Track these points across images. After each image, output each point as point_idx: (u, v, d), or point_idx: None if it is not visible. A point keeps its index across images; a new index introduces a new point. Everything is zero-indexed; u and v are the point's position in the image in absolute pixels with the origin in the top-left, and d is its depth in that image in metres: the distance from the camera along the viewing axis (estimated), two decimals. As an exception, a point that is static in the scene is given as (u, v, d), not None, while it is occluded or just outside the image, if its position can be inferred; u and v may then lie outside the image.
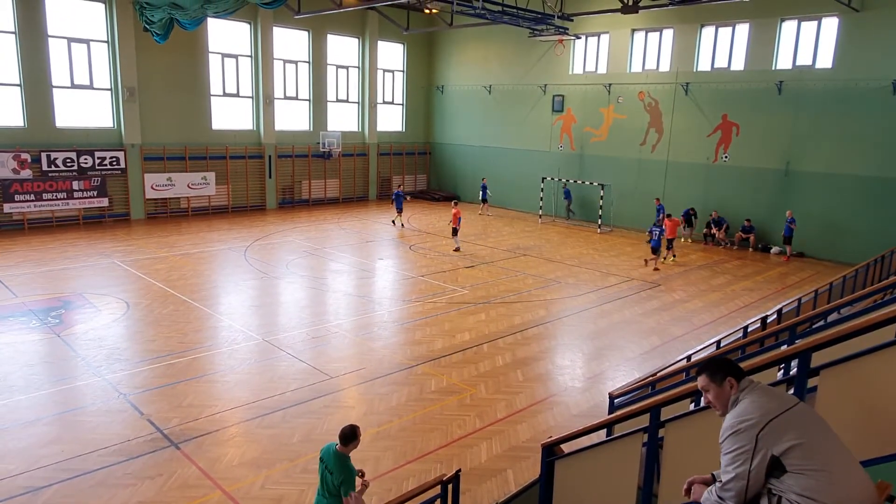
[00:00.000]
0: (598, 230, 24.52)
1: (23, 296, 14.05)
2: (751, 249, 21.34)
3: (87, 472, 7.44)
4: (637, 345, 12.43)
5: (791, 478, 2.77)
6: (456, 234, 19.82)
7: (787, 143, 20.98)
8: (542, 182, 26.67)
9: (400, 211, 24.54)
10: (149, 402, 9.32)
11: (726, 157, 22.50)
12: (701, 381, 3.24)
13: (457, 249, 19.76)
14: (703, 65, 23.04)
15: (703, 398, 3.31)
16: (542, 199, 26.76)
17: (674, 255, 19.75)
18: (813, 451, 2.77)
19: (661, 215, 20.60)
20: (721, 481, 2.96)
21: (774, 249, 21.17)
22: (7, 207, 20.83)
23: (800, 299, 11.03)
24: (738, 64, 22.14)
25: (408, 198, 26.83)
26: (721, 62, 22.66)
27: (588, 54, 26.44)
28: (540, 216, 26.75)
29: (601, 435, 5.86)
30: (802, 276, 18.14)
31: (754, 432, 2.85)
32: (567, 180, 26.19)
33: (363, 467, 7.75)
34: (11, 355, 10.78)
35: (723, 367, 3.18)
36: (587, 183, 25.68)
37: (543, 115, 27.93)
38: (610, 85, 25.34)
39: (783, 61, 21.16)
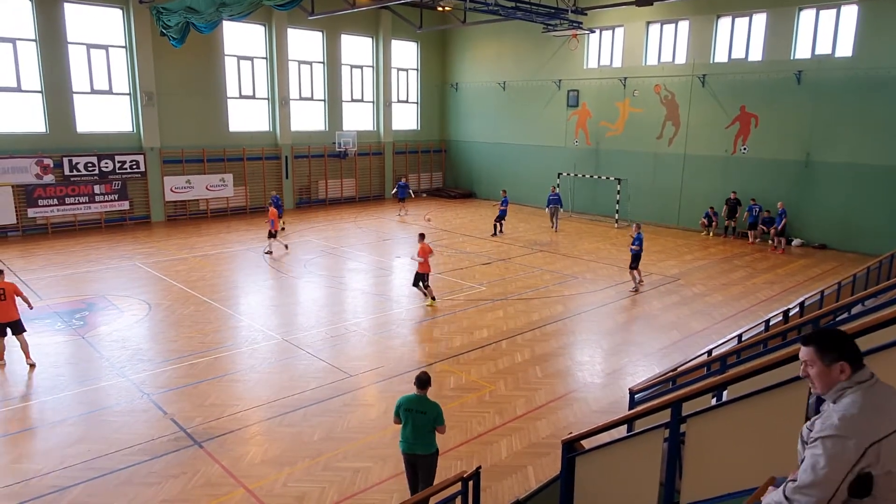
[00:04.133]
0: (615, 225, 24.36)
1: (48, 298, 14.29)
2: (771, 242, 21.08)
3: (112, 471, 7.56)
4: (656, 340, 12.35)
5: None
6: (421, 282, 14.25)
7: (807, 134, 20.68)
8: (558, 178, 26.55)
9: (402, 200, 25.59)
10: (172, 401, 9.44)
11: (745, 148, 22.23)
12: (804, 353, 2.74)
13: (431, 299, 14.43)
14: (720, 56, 22.77)
15: (801, 368, 2.80)
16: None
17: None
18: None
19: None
20: (798, 482, 2.55)
21: (796, 242, 20.89)
22: (31, 212, 21.21)
23: (822, 292, 10.88)
24: (756, 54, 21.85)
25: (412, 194, 26.98)
26: (738, 53, 22.38)
27: (602, 48, 26.25)
28: (556, 212, 26.63)
29: (622, 431, 5.84)
30: (825, 269, 17.88)
31: (865, 443, 2.44)
32: (558, 185, 25.17)
33: (384, 465, 7.81)
34: (37, 357, 10.97)
35: (837, 344, 2.65)
36: (603, 178, 25.52)
37: (558, 110, 27.80)
38: (625, 79, 25.15)
39: (802, 51, 20.84)
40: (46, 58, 21.18)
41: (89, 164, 22.18)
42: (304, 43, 27.84)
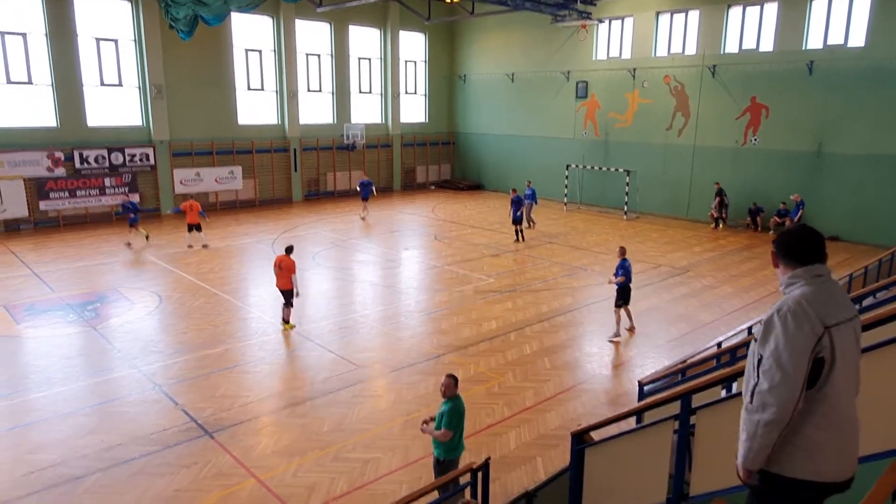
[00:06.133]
0: (625, 217, 24.26)
1: (60, 290, 14.42)
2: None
3: (125, 461, 7.64)
4: (665, 332, 12.32)
5: (807, 401, 2.56)
6: (288, 305, 12.31)
7: (818, 125, 20.48)
8: (567, 169, 26.45)
9: (365, 200, 23.31)
10: (183, 392, 9.52)
11: (756, 139, 22.06)
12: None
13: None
14: (731, 46, 22.56)
15: None
16: (566, 186, 26.55)
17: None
18: (843, 377, 2.57)
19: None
20: (759, 385, 2.59)
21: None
22: (43, 205, 21.36)
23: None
24: (767, 45, 21.62)
25: (374, 192, 24.13)
26: (749, 43, 22.16)
27: (612, 39, 26.06)
28: (565, 203, 26.56)
29: (630, 423, 5.84)
30: (837, 260, 17.74)
31: (820, 327, 2.54)
32: (530, 181, 23.22)
33: (393, 455, 7.85)
34: (50, 349, 11.10)
35: (777, 240, 2.87)
36: (612, 169, 25.40)
37: (567, 101, 27.66)
38: (634, 70, 24.97)
39: (814, 41, 20.61)
40: (57, 51, 21.27)
41: (100, 157, 22.30)
42: (312, 35, 27.81)
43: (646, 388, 7.86)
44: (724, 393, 4.80)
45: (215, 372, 10.26)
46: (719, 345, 9.23)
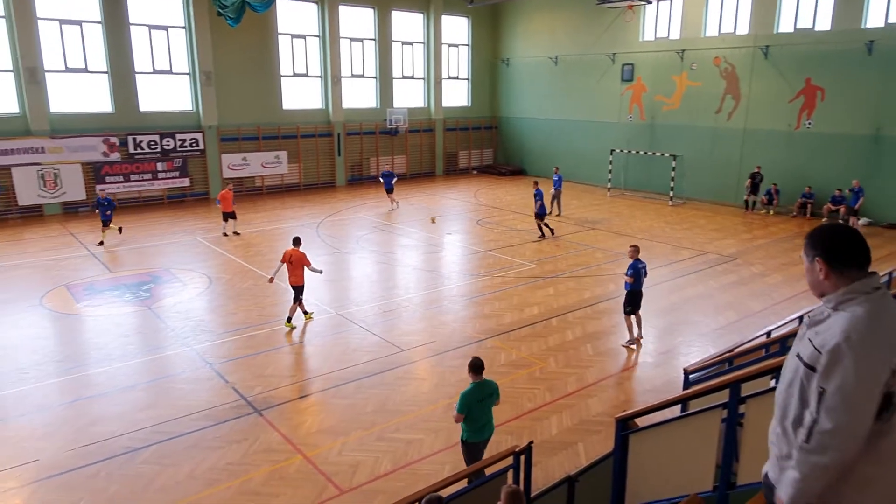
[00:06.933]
0: (670, 203, 23.79)
1: (116, 271, 15.01)
2: (841, 222, 20.21)
3: (180, 435, 7.98)
4: (712, 320, 12.10)
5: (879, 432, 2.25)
6: (297, 301, 11.75)
7: (877, 107, 19.63)
8: (612, 154, 26.04)
9: (390, 192, 22.61)
10: (233, 371, 9.85)
11: (810, 123, 21.29)
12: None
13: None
14: (785, 26, 21.74)
15: None
16: (610, 171, 26.15)
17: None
18: None
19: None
20: (819, 431, 2.27)
21: (863, 221, 19.97)
22: (99, 188, 22.13)
23: (891, 273, 10.43)
24: (824, 23, 20.76)
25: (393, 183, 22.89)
26: (804, 22, 21.32)
27: (659, 19, 25.42)
28: (609, 189, 26.19)
29: (675, 411, 5.80)
30: (894, 249, 17.08)
31: (892, 357, 2.19)
32: (557, 167, 22.85)
33: (436, 437, 7.97)
34: (108, 327, 11.60)
35: (815, 239, 2.46)
36: (658, 154, 24.89)
37: (612, 85, 27.16)
38: (683, 51, 24.33)
39: (874, 19, 19.70)
40: (111, 39, 21.94)
41: (152, 143, 22.99)
42: (356, 20, 27.94)
43: (691, 376, 7.77)
44: (773, 383, 4.72)
45: (263, 352, 10.56)
46: (768, 334, 9.03)
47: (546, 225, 18.57)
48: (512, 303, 12.93)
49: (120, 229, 18.19)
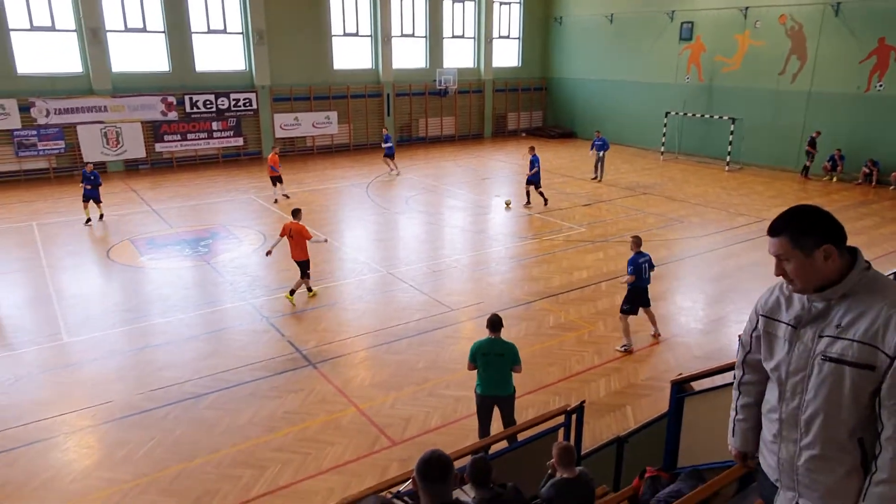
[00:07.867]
0: (727, 168, 23.06)
1: (176, 227, 15.58)
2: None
3: (239, 384, 8.37)
4: (766, 288, 11.81)
5: None
6: (305, 276, 11.28)
7: (959, 69, 18.44)
8: (666, 117, 25.29)
9: (391, 157, 21.85)
10: (288, 325, 10.20)
11: (881, 85, 20.16)
12: (776, 247, 2.31)
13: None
14: (861, -20, 20.47)
15: (775, 266, 2.40)
16: (664, 134, 25.45)
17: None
18: None
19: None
20: None
21: (933, 189, 19.01)
22: (158, 147, 22.88)
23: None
24: (905, -23, 19.46)
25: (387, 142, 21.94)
26: (883, -24, 20.02)
27: (724, -25, 24.25)
28: (662, 153, 25.53)
29: (726, 378, 5.77)
30: (966, 220, 16.26)
31: None
32: (599, 131, 23.83)
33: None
34: (171, 280, 12.12)
35: (815, 225, 2.16)
36: (715, 117, 24.04)
37: (669, 44, 26.19)
38: (746, 8, 23.21)
39: (962, -28, 18.36)
40: (167, -1, 22.30)
41: (207, 102, 23.45)
42: (407, -23, 27.58)
43: (744, 343, 7.67)
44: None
45: (316, 308, 10.88)
46: (827, 304, 8.78)
47: (541, 194, 17.59)
48: (561, 266, 12.90)
49: (101, 216, 16.03)
